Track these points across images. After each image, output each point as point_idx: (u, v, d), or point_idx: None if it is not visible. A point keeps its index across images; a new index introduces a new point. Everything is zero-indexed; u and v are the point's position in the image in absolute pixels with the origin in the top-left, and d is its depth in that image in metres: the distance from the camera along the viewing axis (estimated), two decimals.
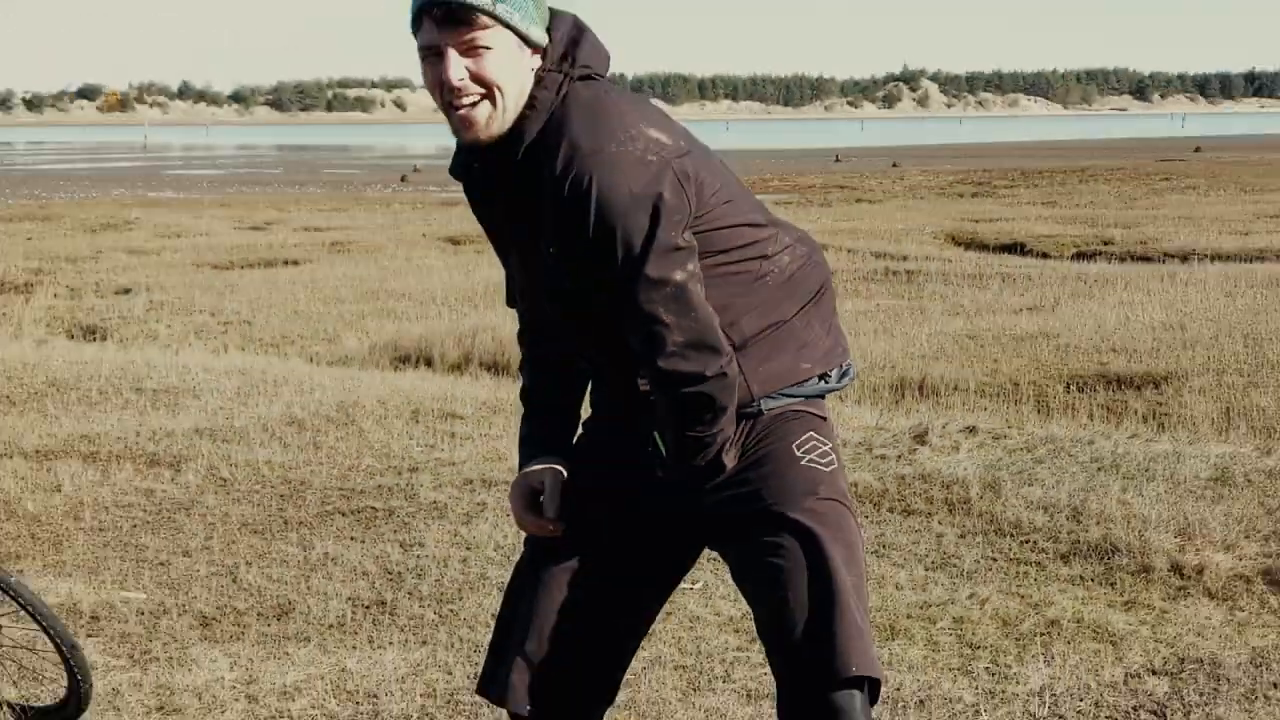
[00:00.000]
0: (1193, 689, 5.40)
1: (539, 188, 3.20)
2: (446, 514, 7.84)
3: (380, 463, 8.90)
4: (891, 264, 22.06)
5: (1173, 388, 11.79)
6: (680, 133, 3.31)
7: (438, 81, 3.16)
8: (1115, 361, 12.92)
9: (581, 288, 3.27)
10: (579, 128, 3.16)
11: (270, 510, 8.05)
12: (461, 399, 10.59)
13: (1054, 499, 7.70)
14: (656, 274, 3.12)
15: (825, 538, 3.26)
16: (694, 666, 5.74)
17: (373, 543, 7.45)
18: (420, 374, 13.31)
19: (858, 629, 3.23)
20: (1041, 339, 14.23)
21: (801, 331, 3.41)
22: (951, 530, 7.37)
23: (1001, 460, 8.54)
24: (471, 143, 3.23)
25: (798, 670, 3.27)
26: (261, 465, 8.85)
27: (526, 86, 3.19)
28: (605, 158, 3.11)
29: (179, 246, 26.85)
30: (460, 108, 3.16)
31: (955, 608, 6.34)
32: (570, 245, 3.18)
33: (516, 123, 3.20)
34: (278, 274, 22.34)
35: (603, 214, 3.10)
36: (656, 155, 3.16)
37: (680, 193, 3.17)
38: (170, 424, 9.98)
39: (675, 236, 3.15)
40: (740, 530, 3.37)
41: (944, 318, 16.39)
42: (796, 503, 3.29)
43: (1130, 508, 7.44)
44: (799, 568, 3.26)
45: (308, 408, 10.39)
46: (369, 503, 8.13)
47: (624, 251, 3.12)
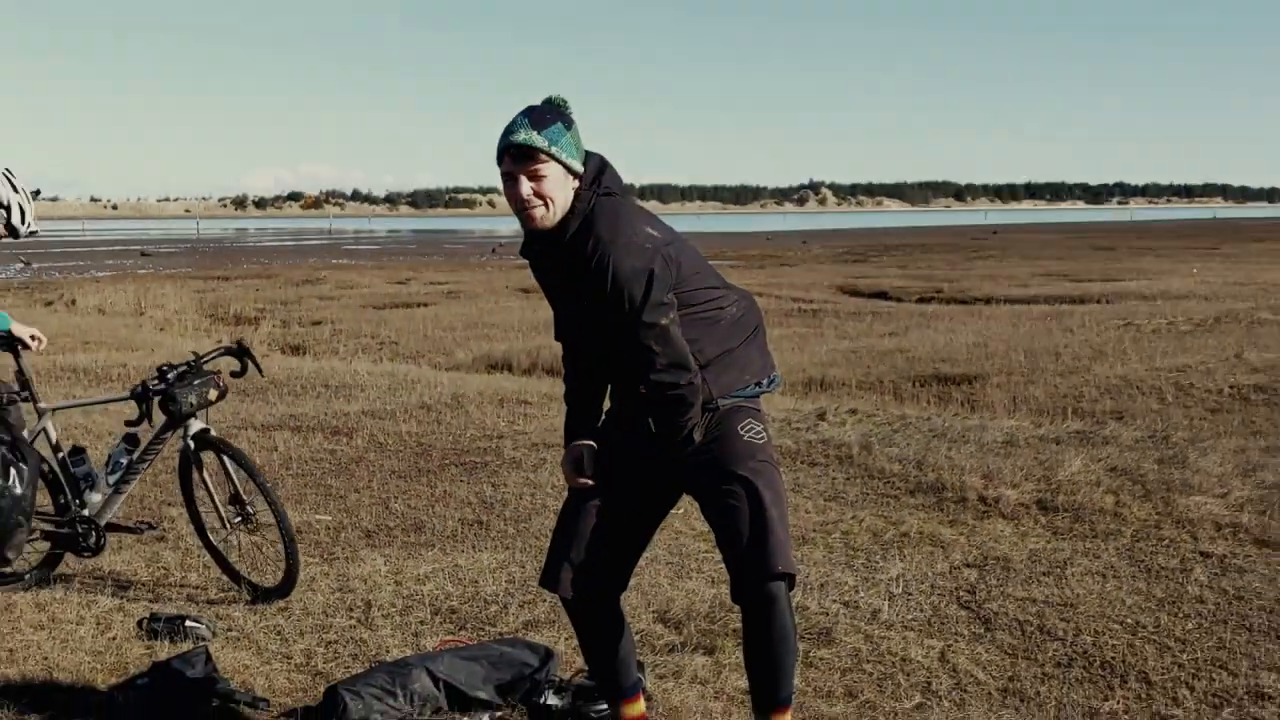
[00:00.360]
0: (992, 575, 5.93)
1: (578, 263, 3.44)
2: (521, 465, 8.44)
3: (479, 432, 9.54)
4: (802, 305, 23.41)
5: (979, 384, 12.65)
6: (666, 229, 3.56)
7: (514, 195, 3.43)
8: (943, 367, 13.74)
9: (603, 326, 3.50)
10: (602, 226, 3.42)
11: (409, 463, 8.67)
12: (530, 392, 11.33)
13: (905, 455, 8.28)
14: (649, 320, 3.40)
15: (760, 485, 3.50)
16: (677, 563, 6.21)
17: (474, 484, 8.00)
18: (504, 376, 14.14)
19: (780, 542, 3.45)
20: (897, 353, 15.08)
21: (743, 356, 3.66)
22: (840, 475, 7.92)
23: (872, 430, 9.13)
24: (533, 232, 3.51)
25: (743, 569, 3.48)
26: (404, 434, 9.53)
27: (569, 199, 3.46)
28: (618, 246, 3.39)
29: (351, 294, 28.19)
30: (528, 211, 3.44)
31: (843, 525, 6.85)
32: (597, 299, 3.44)
33: (562, 221, 3.46)
34: (414, 312, 23.33)
35: (616, 281, 3.37)
36: (650, 244, 3.43)
37: (665, 268, 3.44)
38: (346, 408, 10.71)
39: (661, 296, 3.41)
40: (706, 480, 3.58)
41: (836, 340, 17.26)
42: (742, 464, 3.53)
43: (953, 460, 8.00)
44: (743, 504, 3.48)
45: (433, 397, 11.05)
46: (472, 458, 8.71)
47: (629, 305, 3.39)
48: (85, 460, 6.06)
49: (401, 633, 5.32)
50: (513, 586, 5.91)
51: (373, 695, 4.28)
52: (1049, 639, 5.13)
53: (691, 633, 5.19)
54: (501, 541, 6.76)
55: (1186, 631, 5.16)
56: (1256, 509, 6.82)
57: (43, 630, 5.38)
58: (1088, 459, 7.96)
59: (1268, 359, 13.16)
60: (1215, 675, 4.72)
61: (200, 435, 5.88)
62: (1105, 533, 6.66)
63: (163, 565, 6.43)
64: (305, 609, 5.64)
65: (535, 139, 3.40)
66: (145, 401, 5.73)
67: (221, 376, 5.95)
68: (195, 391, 5.76)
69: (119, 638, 5.28)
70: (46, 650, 5.12)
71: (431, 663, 4.44)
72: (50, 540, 6.02)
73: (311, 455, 8.98)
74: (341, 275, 35.39)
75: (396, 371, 13.42)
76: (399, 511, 7.44)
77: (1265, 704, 4.45)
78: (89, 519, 5.95)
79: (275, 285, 31.78)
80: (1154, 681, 4.68)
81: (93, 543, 5.97)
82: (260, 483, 5.74)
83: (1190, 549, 6.30)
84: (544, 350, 15.78)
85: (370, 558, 6.45)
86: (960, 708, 4.45)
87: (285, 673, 4.87)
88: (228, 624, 5.46)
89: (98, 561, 6.28)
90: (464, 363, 15.87)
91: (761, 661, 3.58)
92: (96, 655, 5.07)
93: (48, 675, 4.84)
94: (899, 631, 5.23)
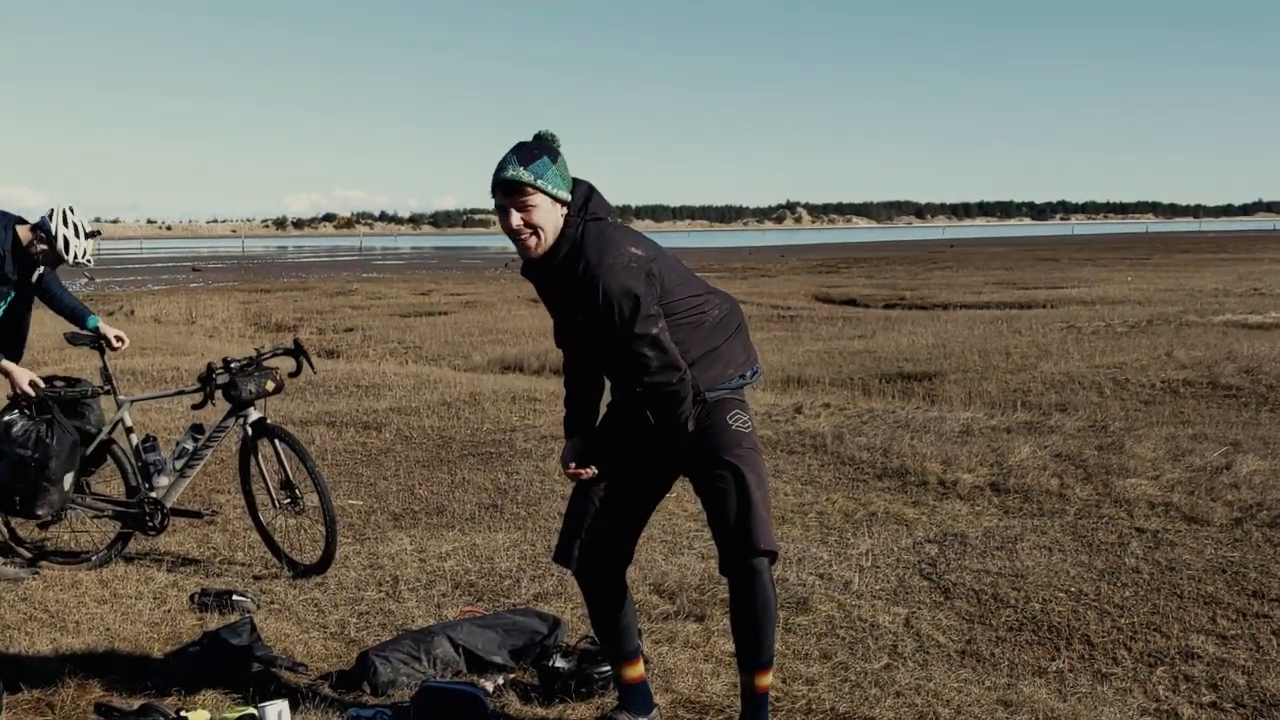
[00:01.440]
0: (951, 550, 5.89)
1: (570, 283, 3.41)
2: (531, 455, 8.39)
3: (494, 426, 9.48)
4: (781, 312, 23.40)
5: (938, 380, 12.64)
6: (650, 245, 3.51)
7: (507, 226, 3.39)
8: (906, 366, 13.72)
9: (597, 338, 3.47)
10: (590, 250, 3.36)
11: (432, 453, 8.64)
12: (540, 390, 11.20)
13: (873, 444, 8.22)
14: (640, 331, 3.36)
15: (745, 470, 3.49)
16: (671, 540, 6.19)
17: (489, 472, 7.98)
18: (516, 376, 14.11)
19: (763, 522, 3.46)
20: (865, 353, 15.05)
21: (727, 352, 3.63)
22: (815, 462, 7.88)
23: (844, 422, 9.08)
24: (528, 258, 3.46)
25: (730, 545, 3.48)
26: (427, 428, 9.48)
27: (559, 226, 3.41)
28: (604, 267, 3.33)
29: (379, 304, 28.26)
30: (520, 240, 3.39)
31: (818, 506, 6.83)
32: (589, 315, 3.42)
33: (553, 247, 3.41)
34: (435, 320, 23.34)
35: (606, 300, 3.33)
36: (635, 263, 3.38)
37: (650, 284, 3.40)
38: (375, 405, 10.65)
39: (649, 308, 3.36)
40: (699, 464, 3.56)
41: (811, 342, 17.23)
42: (730, 450, 3.51)
43: (915, 448, 7.96)
44: (731, 487, 3.47)
45: (453, 395, 10.97)
46: (487, 449, 8.68)
47: (619, 320, 3.35)
48: (156, 448, 6.14)
49: (425, 604, 5.30)
50: (525, 563, 5.89)
51: (400, 660, 4.27)
52: (1002, 606, 5.11)
53: (684, 603, 5.18)
54: (514, 523, 6.74)
55: (1124, 599, 5.15)
56: (1186, 490, 6.81)
57: (105, 604, 5.38)
58: (1035, 446, 7.92)
59: (1195, 356, 13.15)
60: (1150, 637, 4.71)
61: (259, 424, 5.90)
62: (1051, 511, 6.64)
63: (212, 546, 6.44)
64: (340, 584, 5.64)
65: (522, 174, 3.35)
66: (209, 386, 5.81)
67: (279, 372, 5.99)
68: (255, 382, 5.84)
69: (173, 610, 5.28)
70: (109, 622, 5.12)
71: (452, 630, 4.44)
72: (120, 520, 6.06)
73: (345, 447, 8.95)
74: (371, 287, 35.38)
75: (420, 373, 13.39)
76: (423, 497, 7.42)
77: (1194, 663, 4.44)
78: (156, 501, 6.01)
79: (312, 296, 31.77)
80: (1095, 643, 4.67)
81: (158, 522, 6.02)
82: (311, 468, 5.75)
83: (1127, 525, 6.28)
84: (552, 353, 15.70)
85: (397, 538, 6.44)
86: (924, 667, 4.44)
87: (322, 640, 4.86)
88: (270, 597, 5.45)
89: (155, 543, 6.29)
90: (480, 365, 15.85)
91: (746, 628, 3.59)
92: (153, 626, 5.06)
93: (110, 644, 4.84)
94: (868, 600, 5.21)
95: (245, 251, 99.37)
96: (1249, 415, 10.22)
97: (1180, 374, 12.10)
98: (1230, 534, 6.05)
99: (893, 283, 33.91)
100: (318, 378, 12.17)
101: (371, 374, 12.98)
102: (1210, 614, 4.94)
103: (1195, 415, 10.30)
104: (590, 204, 3.47)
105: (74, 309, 6.16)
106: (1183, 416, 10.23)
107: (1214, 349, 13.70)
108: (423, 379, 12.57)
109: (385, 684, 4.19)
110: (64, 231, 5.78)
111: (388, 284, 38.05)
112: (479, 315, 24.71)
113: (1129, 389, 11.67)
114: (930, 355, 14.68)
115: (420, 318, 24.32)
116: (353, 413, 10.29)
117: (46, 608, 5.36)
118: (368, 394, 11.58)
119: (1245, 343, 14.30)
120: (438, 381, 12.36)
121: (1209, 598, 5.13)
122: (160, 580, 5.74)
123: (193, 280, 44.33)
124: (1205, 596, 5.15)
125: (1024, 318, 20.01)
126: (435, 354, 17.51)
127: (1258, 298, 23.24)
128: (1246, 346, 13.77)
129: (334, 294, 32.56)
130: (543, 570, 5.72)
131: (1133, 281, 30.41)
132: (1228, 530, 6.12)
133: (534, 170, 3.36)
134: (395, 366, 14.73)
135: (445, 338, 19.65)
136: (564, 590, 5.36)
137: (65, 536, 6.43)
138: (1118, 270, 37.42)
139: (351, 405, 10.79)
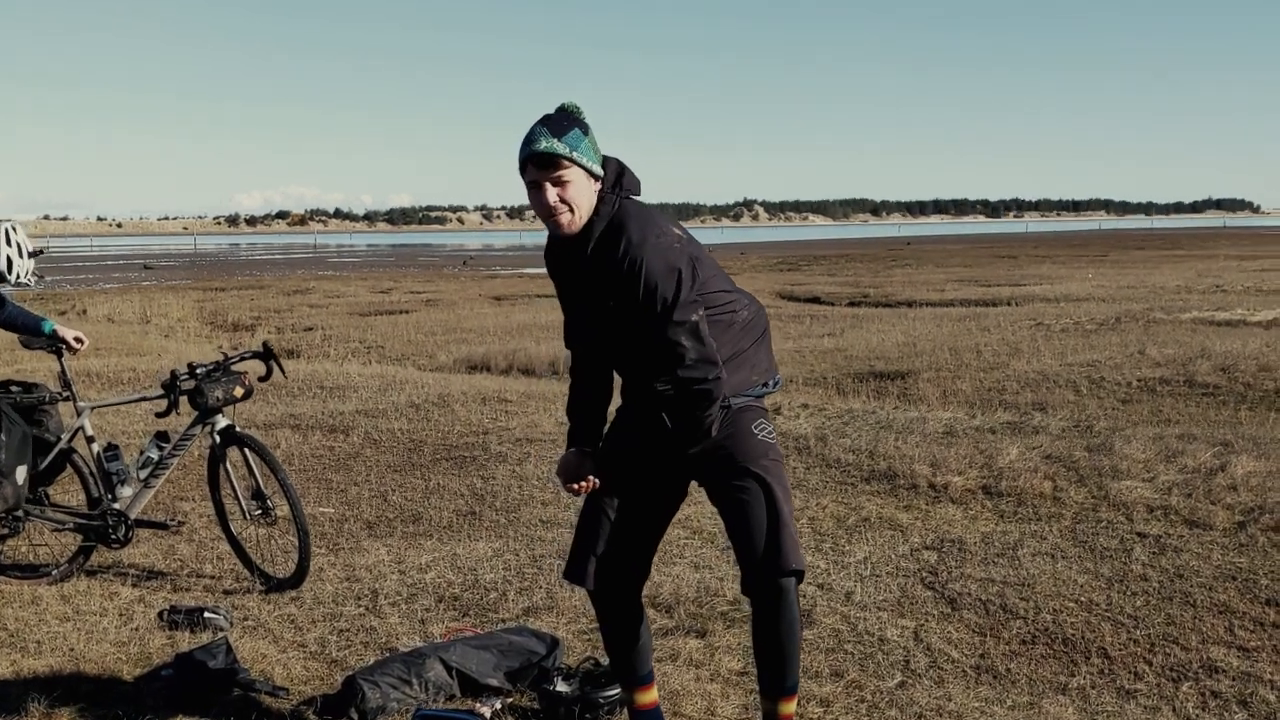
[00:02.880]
0: (951, 558, 5.71)
1: (605, 264, 3.18)
2: (507, 459, 8.14)
3: (465, 429, 9.23)
4: None
5: (911, 379, 12.47)
6: (685, 230, 3.33)
7: (541, 202, 3.17)
8: (878, 364, 13.60)
9: (626, 326, 3.22)
10: (632, 227, 3.16)
11: (403, 458, 8.37)
12: (510, 390, 10.98)
13: (858, 445, 8.07)
14: (681, 317, 3.14)
15: (773, 483, 3.28)
16: (661, 550, 5.55)
17: (464, 477, 7.71)
18: (483, 376, 13.75)
19: (792, 539, 3.26)
20: (836, 352, 14.94)
21: (753, 356, 3.42)
22: (801, 465, 7.67)
23: (824, 423, 8.93)
24: (562, 236, 3.24)
25: (757, 564, 3.26)
26: (396, 431, 9.21)
27: (593, 202, 3.21)
28: (649, 246, 3.13)
29: (338, 303, 27.84)
30: (555, 217, 3.18)
31: (809, 511, 6.61)
32: (625, 300, 3.17)
33: (587, 225, 3.22)
34: (396, 318, 23.03)
35: (649, 281, 3.12)
36: (679, 244, 3.19)
37: (692, 267, 3.20)
38: (341, 407, 10.37)
39: (690, 294, 3.16)
40: (720, 475, 3.33)
41: (781, 340, 16.72)
42: (756, 461, 3.30)
43: (901, 450, 7.80)
44: (757, 500, 3.26)
45: (421, 396, 10.73)
46: (461, 453, 8.42)
47: (661, 304, 3.13)
48: (119, 456, 5.83)
49: (408, 620, 5.05)
50: (509, 574, 5.66)
51: (389, 684, 4.02)
52: (1012, 617, 4.93)
53: (682, 616, 4.96)
54: (494, 531, 6.50)
55: (1137, 609, 4.98)
56: (1183, 492, 6.68)
57: (68, 622, 5.10)
58: (1023, 447, 7.78)
59: (1167, 354, 13.12)
60: (1169, 650, 4.54)
61: (226, 431, 5.62)
62: (1047, 515, 6.48)
63: (179, 557, 6.15)
64: (316, 598, 5.37)
65: (557, 146, 3.14)
66: (174, 393, 5.53)
67: (248, 377, 5.70)
68: (222, 387, 5.55)
69: (141, 628, 5.00)
70: (72, 641, 4.84)
71: (444, 652, 4.18)
72: (82, 533, 5.76)
73: (312, 452, 8.67)
74: (328, 285, 34.96)
75: (385, 373, 13.06)
76: (397, 504, 7.17)
77: (1219, 677, 4.27)
78: (120, 512, 5.71)
79: (268, 295, 31.31)
80: (1114, 657, 4.49)
81: (122, 534, 5.73)
82: (282, 478, 5.47)
83: (1127, 530, 6.13)
84: (519, 353, 15.56)
85: (373, 548, 6.19)
86: (940, 685, 4.24)
87: (302, 661, 4.60)
88: (243, 614, 5.18)
89: (117, 554, 6.00)
90: (446, 364, 15.52)
91: (771, 651, 3.36)
92: (120, 646, 4.79)
93: (75, 666, 4.56)
94: (873, 612, 5.01)
95: (198, 249, 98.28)
96: (1229, 414, 10.14)
97: (1155, 372, 12.02)
98: (1235, 539, 5.91)
99: (855, 280, 33.86)
100: (281, 381, 11.87)
101: (335, 375, 12.66)
102: (1227, 624, 4.79)
103: (1176, 414, 10.20)
104: (624, 180, 3.30)
105: (26, 324, 5.79)
106: (1163, 415, 10.13)
107: (1186, 346, 13.67)
108: (389, 380, 12.28)
109: (374, 710, 3.94)
110: (6, 251, 5.54)
111: (345, 282, 37.61)
112: (441, 314, 24.39)
113: (1105, 387, 11.57)
114: (901, 353, 14.58)
115: (381, 316, 23.97)
116: (318, 415, 10.00)
117: (5, 626, 5.08)
118: (332, 395, 11.28)
119: (1217, 340, 14.29)
120: (404, 382, 12.07)
121: (1223, 607, 4.98)
122: (125, 596, 5.45)
123: (145, 278, 43.65)
124: (1219, 605, 5.00)
125: (990, 315, 19.97)
126: (399, 354, 17.17)
127: (1220, 294, 23.34)
128: (1219, 344, 13.75)
129: (291, 292, 32.15)
130: (529, 583, 5.50)
131: (1094, 278, 30.51)
132: (1231, 535, 5.98)
133: (568, 142, 3.16)
134: (359, 367, 14.39)
135: (408, 337, 19.32)
136: (555, 605, 5.15)
137: (23, 549, 6.12)
138: (1077, 267, 37.60)
139: (316, 407, 10.50)
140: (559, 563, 5.76)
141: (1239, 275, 30.14)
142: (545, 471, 7.75)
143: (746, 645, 4.57)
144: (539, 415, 9.78)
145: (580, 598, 5.16)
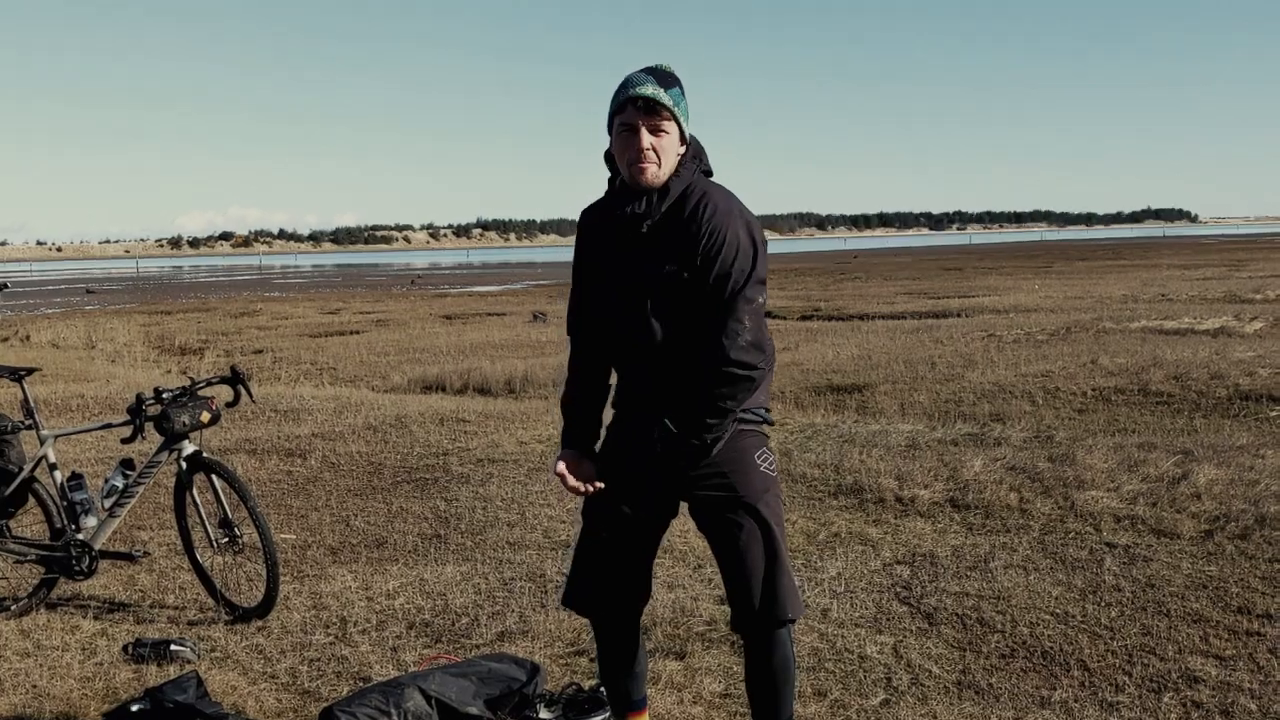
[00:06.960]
0: (924, 572, 5.69)
1: (679, 228, 3.09)
2: (470, 480, 8.06)
3: (425, 450, 9.16)
4: None
5: (869, 392, 12.47)
6: None
7: (634, 145, 3.06)
8: (835, 378, 13.57)
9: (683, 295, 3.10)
10: (718, 196, 3.10)
11: (364, 481, 8.25)
12: (466, 410, 10.92)
13: (823, 460, 8.08)
14: (751, 294, 3.06)
15: (772, 522, 3.19)
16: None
17: (427, 499, 7.61)
18: (439, 396, 13.57)
19: (791, 585, 3.21)
20: (793, 366, 14.83)
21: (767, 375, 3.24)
22: None
23: (788, 438, 8.95)
24: (642, 186, 3.10)
25: (753, 609, 3.20)
26: (355, 454, 9.10)
27: (675, 164, 3.12)
28: (734, 217, 3.07)
29: (287, 324, 27.55)
30: (641, 164, 3.06)
31: None
32: (696, 265, 3.06)
33: (665, 184, 3.11)
34: (348, 339, 22.81)
35: (728, 250, 3.04)
36: (756, 222, 3.14)
37: (764, 246, 3.14)
38: (297, 430, 10.23)
39: (763, 273, 3.11)
40: (717, 507, 3.21)
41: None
42: (758, 496, 3.18)
43: (866, 464, 7.80)
44: (755, 541, 3.17)
45: (378, 418, 10.63)
46: (421, 475, 8.33)
47: (735, 276, 3.04)
48: (83, 486, 5.68)
49: (380, 648, 4.94)
50: (480, 599, 5.57)
51: (367, 715, 3.93)
52: (989, 631, 4.91)
53: (659, 638, 4.90)
54: (461, 554, 6.41)
55: (1112, 619, 4.99)
56: (1148, 501, 6.72)
57: (29, 658, 4.94)
58: (986, 459, 7.82)
59: (1119, 363, 13.25)
60: (1147, 661, 4.54)
61: (193, 457, 5.49)
62: (1016, 527, 6.49)
63: (140, 588, 6.00)
64: (284, 627, 5.26)
65: (662, 95, 3.05)
66: (139, 418, 5.35)
67: (215, 401, 5.58)
68: (189, 413, 5.40)
69: (105, 663, 4.86)
70: (35, 678, 4.69)
71: (423, 681, 4.10)
72: (45, 565, 5.60)
73: (269, 477, 8.53)
74: (276, 307, 34.63)
75: (340, 395, 12.94)
76: (360, 528, 7.05)
77: (1199, 687, 4.27)
78: (84, 543, 5.55)
79: (215, 317, 30.94)
80: (1093, 669, 4.49)
81: (86, 566, 5.57)
82: (251, 505, 5.35)
83: (1096, 540, 6.16)
84: (474, 372, 15.41)
85: (339, 574, 6.08)
86: (924, 702, 4.21)
87: (273, 693, 4.49)
88: (210, 645, 5.06)
89: (77, 587, 5.85)
90: (400, 385, 15.36)
91: (764, 690, 3.32)
92: (85, 681, 4.65)
93: (38, 705, 4.42)
94: (850, 629, 4.98)
95: (140, 272, 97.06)
96: (1184, 422, 10.23)
97: (1109, 381, 12.14)
98: (1203, 547, 5.96)
99: (806, 294, 34.00)
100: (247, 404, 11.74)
101: (289, 397, 12.50)
102: (1202, 633, 4.80)
103: (1132, 423, 10.28)
104: (704, 158, 3.22)
105: None
106: (1120, 425, 10.21)
107: (1138, 356, 13.82)
108: (344, 401, 12.15)
109: None
110: None
111: (293, 303, 37.27)
112: (393, 334, 24.19)
113: (1061, 397, 11.65)
114: (857, 367, 14.61)
115: (331, 337, 23.75)
116: (274, 439, 9.86)
117: None
118: (286, 419, 11.14)
119: (1167, 349, 14.46)
120: (360, 404, 11.95)
121: (1196, 615, 5.00)
122: (87, 629, 5.31)
123: (89, 302, 43.01)
124: (1193, 615, 5.02)
125: (942, 327, 20.09)
126: (352, 375, 16.96)
127: (1166, 304, 23.65)
128: (1169, 353, 13.91)
129: (238, 314, 31.80)
130: (500, 607, 5.42)
131: (1041, 289, 30.83)
132: (1199, 543, 6.03)
133: (672, 96, 3.08)
134: (312, 389, 14.20)
135: (360, 358, 19.11)
136: (529, 629, 5.07)
137: None
138: (1024, 279, 37.99)
139: (271, 431, 10.35)
140: (531, 586, 5.72)
141: (1183, 284, 30.60)
142: (509, 492, 7.68)
143: (726, 666, 4.54)
144: (499, 435, 9.70)
145: (555, 622, 5.11)
